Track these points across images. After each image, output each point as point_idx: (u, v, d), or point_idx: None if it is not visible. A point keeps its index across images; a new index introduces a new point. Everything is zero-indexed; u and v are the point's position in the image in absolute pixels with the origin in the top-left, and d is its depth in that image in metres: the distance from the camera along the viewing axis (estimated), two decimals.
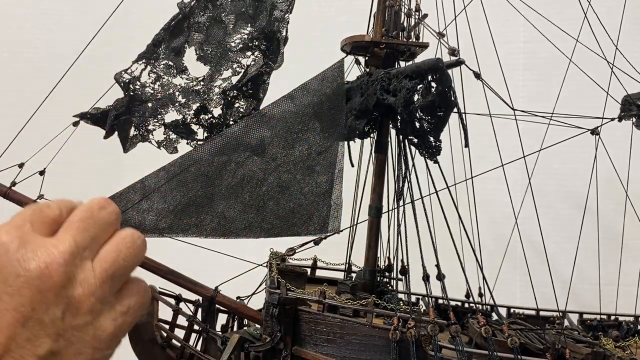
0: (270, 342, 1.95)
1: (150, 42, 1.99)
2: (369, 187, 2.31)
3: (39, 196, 1.98)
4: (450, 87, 1.80)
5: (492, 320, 2.26)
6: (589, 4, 2.28)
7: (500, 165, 2.17)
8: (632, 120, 2.30)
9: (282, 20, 1.98)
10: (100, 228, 0.79)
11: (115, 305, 0.76)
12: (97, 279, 0.74)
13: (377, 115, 2.08)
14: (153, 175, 1.93)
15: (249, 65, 2.01)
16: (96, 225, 0.79)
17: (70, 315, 0.71)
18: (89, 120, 2.02)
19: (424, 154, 1.93)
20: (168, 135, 2.03)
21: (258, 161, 1.97)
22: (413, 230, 1.91)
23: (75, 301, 0.72)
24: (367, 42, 2.22)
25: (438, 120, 1.85)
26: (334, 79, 2.03)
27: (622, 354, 1.96)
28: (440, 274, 1.90)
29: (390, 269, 2.50)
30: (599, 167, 2.34)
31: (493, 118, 2.23)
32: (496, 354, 1.77)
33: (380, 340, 1.83)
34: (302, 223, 1.98)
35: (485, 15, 2.27)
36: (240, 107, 2.02)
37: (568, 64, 2.40)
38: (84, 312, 0.72)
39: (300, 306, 1.98)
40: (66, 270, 0.71)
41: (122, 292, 0.78)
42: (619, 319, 2.49)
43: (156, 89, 2.01)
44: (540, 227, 2.21)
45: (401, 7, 2.21)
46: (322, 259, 2.63)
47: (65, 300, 0.71)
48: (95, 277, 0.74)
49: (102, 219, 0.80)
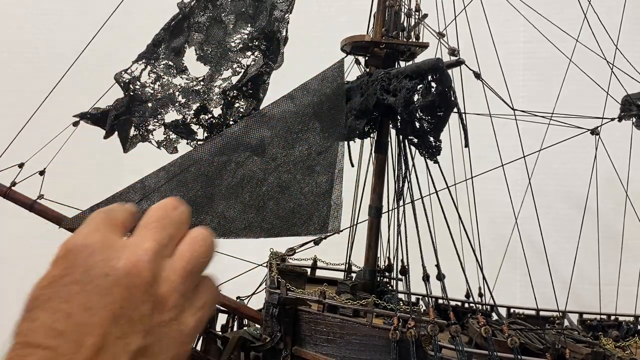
0: (270, 342, 1.95)
1: (150, 42, 1.99)
2: (369, 187, 2.31)
3: (39, 196, 1.98)
4: (450, 87, 1.80)
5: (492, 320, 2.26)
6: (589, 4, 2.28)
7: (500, 165, 2.17)
8: (632, 120, 2.30)
9: (282, 20, 1.98)
10: (176, 227, 0.81)
11: (194, 301, 0.79)
12: (178, 276, 0.77)
13: (377, 115, 2.08)
14: (153, 175, 1.93)
15: (249, 65, 2.01)
16: (172, 225, 0.81)
17: (157, 312, 0.73)
18: (89, 120, 2.02)
19: (424, 154, 1.93)
20: (168, 135, 2.03)
21: (258, 161, 1.97)
22: (413, 230, 1.91)
23: (161, 298, 0.74)
24: (367, 42, 2.22)
25: (438, 120, 1.85)
26: (334, 79, 2.03)
27: (622, 354, 1.96)
28: (440, 274, 1.90)
29: (390, 269, 2.49)
30: (599, 167, 2.34)
31: (493, 118, 2.23)
32: (496, 354, 1.77)
33: (380, 340, 1.83)
34: (302, 223, 1.98)
35: (485, 15, 2.26)
36: (240, 107, 2.02)
37: (568, 64, 2.40)
38: (169, 308, 0.75)
39: (300, 306, 1.98)
40: (152, 268, 0.74)
41: (198, 289, 0.81)
42: (619, 319, 2.49)
43: (156, 89, 2.01)
44: (540, 227, 2.21)
45: (401, 7, 2.21)
46: (322, 259, 2.64)
47: (152, 297, 0.73)
48: (177, 274, 0.77)
49: (176, 218, 0.82)
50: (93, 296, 0.71)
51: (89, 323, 0.69)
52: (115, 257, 0.73)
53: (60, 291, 0.71)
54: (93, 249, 0.74)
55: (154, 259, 0.75)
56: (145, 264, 0.74)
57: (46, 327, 0.69)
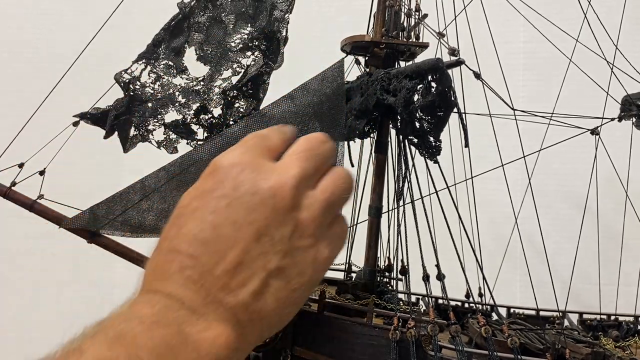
0: (270, 342, 1.95)
1: (150, 42, 1.99)
2: (369, 187, 2.31)
3: (39, 196, 1.98)
4: (450, 87, 1.80)
5: (492, 320, 2.26)
6: (589, 4, 2.28)
7: (500, 165, 2.17)
8: (632, 120, 2.30)
9: (282, 21, 1.98)
10: (321, 160, 0.83)
11: (329, 234, 0.81)
12: (319, 206, 0.79)
13: (377, 115, 2.08)
14: (153, 175, 1.93)
15: (249, 65, 2.01)
16: (318, 157, 0.83)
17: (296, 236, 0.75)
18: (89, 120, 2.02)
19: (424, 154, 1.93)
20: (168, 135, 2.03)
21: None
22: (413, 230, 1.91)
23: (301, 223, 0.76)
24: (367, 42, 2.22)
25: (438, 120, 1.85)
26: (334, 79, 2.02)
27: (622, 354, 1.97)
28: (440, 274, 1.90)
29: (390, 269, 2.49)
30: (599, 167, 2.34)
31: (493, 118, 2.23)
32: (496, 354, 1.77)
33: (380, 340, 1.83)
34: None
35: (485, 15, 2.26)
36: (240, 107, 2.02)
37: (568, 64, 2.40)
38: (307, 234, 0.77)
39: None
40: (296, 194, 0.76)
41: (333, 223, 0.83)
42: (619, 319, 2.49)
43: (156, 89, 2.01)
44: (540, 227, 2.21)
45: (401, 7, 2.21)
46: None
47: (294, 221, 0.75)
48: (318, 204, 0.79)
49: (323, 152, 0.84)
50: (240, 211, 0.73)
51: (233, 237, 0.72)
52: (264, 178, 0.76)
53: (209, 203, 0.74)
54: (243, 168, 0.77)
55: (299, 186, 0.77)
56: (290, 189, 0.76)
57: (192, 235, 0.72)
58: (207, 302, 0.69)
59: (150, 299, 0.69)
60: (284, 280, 0.74)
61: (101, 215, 1.91)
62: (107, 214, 1.90)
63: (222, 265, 0.70)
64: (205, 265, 0.70)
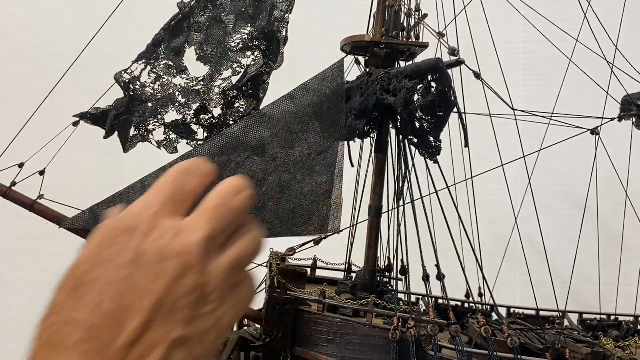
0: (271, 342, 1.95)
1: (150, 42, 1.99)
2: (369, 187, 2.31)
3: (39, 196, 1.98)
4: (450, 87, 1.80)
5: (492, 320, 2.26)
6: (588, 4, 2.28)
7: (500, 165, 2.17)
8: (632, 120, 2.30)
9: (282, 20, 1.98)
10: (234, 215, 0.80)
11: (234, 296, 0.79)
12: (225, 269, 0.76)
13: (377, 115, 2.08)
14: (153, 175, 1.93)
15: (249, 65, 2.01)
16: (230, 213, 0.80)
17: (201, 304, 0.73)
18: (89, 120, 2.02)
19: (424, 154, 1.93)
20: (168, 135, 2.03)
21: (258, 161, 1.97)
22: (413, 230, 1.91)
23: (206, 290, 0.74)
24: (367, 42, 2.22)
25: (438, 120, 1.85)
26: (334, 79, 2.02)
27: (622, 354, 1.96)
28: (440, 274, 1.90)
29: (390, 269, 2.49)
30: (599, 167, 2.34)
31: (493, 118, 2.23)
32: (496, 354, 1.77)
33: (380, 340, 1.83)
34: (302, 223, 1.98)
35: (485, 15, 2.26)
36: (240, 107, 2.02)
37: (568, 64, 2.40)
38: (212, 300, 0.74)
39: (300, 306, 1.98)
40: (202, 259, 0.74)
41: (239, 284, 0.80)
42: (619, 319, 2.49)
43: (156, 89, 2.01)
44: (540, 227, 2.21)
45: (401, 7, 2.21)
46: (322, 259, 2.63)
47: (198, 288, 0.73)
48: (225, 267, 0.76)
49: (236, 206, 0.81)
50: (142, 279, 0.70)
51: (135, 307, 0.69)
52: (169, 244, 0.73)
53: (109, 271, 0.71)
54: (147, 232, 0.73)
55: (206, 251, 0.74)
56: (196, 256, 0.73)
57: (92, 307, 0.69)
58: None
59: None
60: (187, 349, 0.72)
61: (101, 215, 1.91)
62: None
63: (122, 337, 0.67)
64: (105, 339, 0.67)
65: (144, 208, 0.76)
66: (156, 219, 0.75)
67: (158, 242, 0.73)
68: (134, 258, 0.71)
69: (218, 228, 0.76)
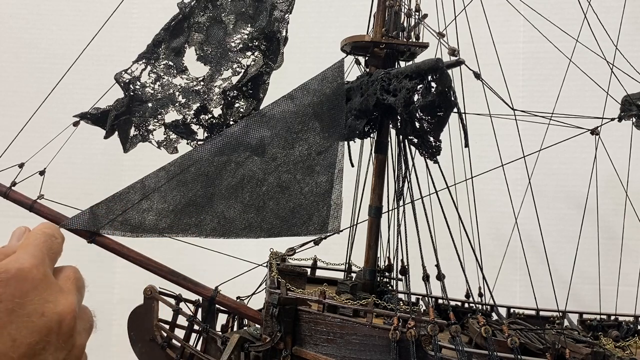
0: (270, 342, 1.95)
1: (150, 42, 1.99)
2: (369, 187, 2.31)
3: (39, 196, 1.98)
4: (450, 87, 1.80)
5: (492, 320, 2.26)
6: (588, 4, 2.28)
7: (500, 165, 2.17)
8: (632, 120, 2.30)
9: (282, 21, 1.98)
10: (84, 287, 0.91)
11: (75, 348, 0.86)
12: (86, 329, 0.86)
13: (377, 115, 2.08)
14: (153, 175, 1.93)
15: (249, 65, 2.01)
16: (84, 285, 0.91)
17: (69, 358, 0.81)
18: (89, 120, 2.02)
19: (424, 154, 1.93)
20: (168, 135, 2.04)
21: (258, 161, 1.97)
22: (413, 230, 1.91)
23: (75, 348, 0.81)
24: (367, 42, 2.22)
25: (438, 120, 1.85)
26: (334, 79, 2.03)
27: (622, 354, 1.96)
28: (440, 274, 1.90)
29: (390, 269, 2.50)
30: (599, 167, 2.34)
31: (493, 118, 2.23)
32: (496, 354, 1.77)
33: (380, 340, 1.83)
34: (302, 223, 1.98)
35: (485, 15, 2.26)
36: (240, 107, 2.02)
37: (568, 64, 2.40)
38: (75, 356, 0.82)
39: (300, 306, 1.98)
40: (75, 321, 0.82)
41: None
42: (619, 319, 2.49)
43: (156, 89, 2.01)
44: (540, 227, 2.21)
45: (401, 7, 2.21)
46: (322, 259, 2.63)
47: (69, 346, 0.79)
48: (89, 331, 0.87)
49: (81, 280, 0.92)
50: (22, 330, 0.74)
51: (10, 354, 0.73)
52: (52, 300, 0.78)
53: None
54: (34, 284, 0.78)
55: (76, 312, 0.82)
56: (72, 316, 0.80)
57: None
58: None
59: None
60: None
61: (101, 215, 1.91)
62: (107, 214, 1.91)
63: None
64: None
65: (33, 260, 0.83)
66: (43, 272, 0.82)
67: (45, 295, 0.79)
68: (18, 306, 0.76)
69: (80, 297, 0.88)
